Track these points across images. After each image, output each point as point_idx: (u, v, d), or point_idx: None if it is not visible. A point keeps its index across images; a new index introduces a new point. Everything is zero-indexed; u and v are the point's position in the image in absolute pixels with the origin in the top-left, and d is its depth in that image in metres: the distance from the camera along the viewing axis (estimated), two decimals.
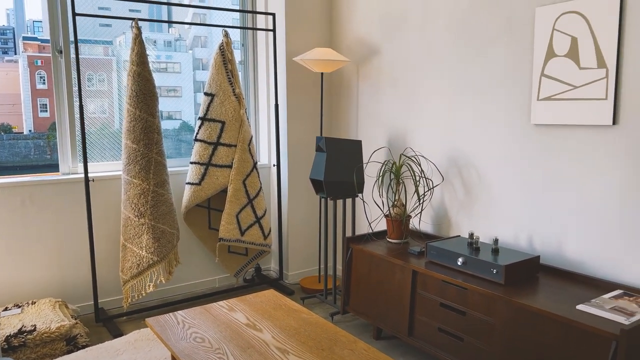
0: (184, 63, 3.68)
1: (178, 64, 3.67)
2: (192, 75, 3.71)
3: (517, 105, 2.51)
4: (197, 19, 3.78)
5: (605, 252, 2.21)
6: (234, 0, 3.74)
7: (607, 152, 2.17)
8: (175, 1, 3.47)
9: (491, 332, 2.15)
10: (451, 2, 2.78)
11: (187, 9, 3.70)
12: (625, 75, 2.09)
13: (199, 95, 3.68)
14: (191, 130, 3.65)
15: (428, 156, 2.99)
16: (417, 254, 2.66)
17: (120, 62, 3.32)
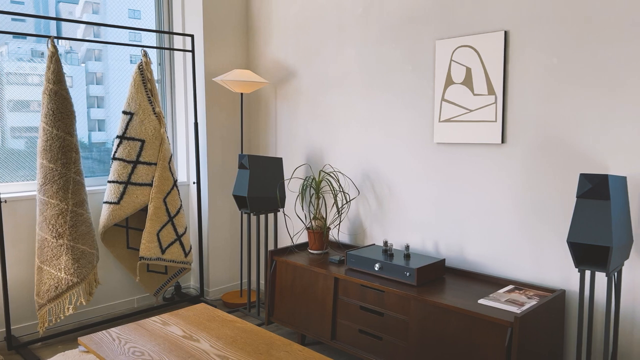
0: (75, 77, 3.55)
1: (69, 77, 3.53)
2: (86, 89, 3.58)
3: (421, 126, 2.82)
4: (90, 32, 3.64)
5: (498, 254, 2.56)
6: (149, 18, 3.77)
7: (498, 167, 2.53)
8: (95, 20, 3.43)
9: (407, 329, 2.39)
10: (361, 34, 3.06)
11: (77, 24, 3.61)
12: (510, 101, 2.46)
13: (93, 111, 3.59)
14: (84, 146, 3.55)
15: (345, 172, 3.23)
16: (337, 262, 2.86)
17: (3, 74, 3.12)
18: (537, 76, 2.36)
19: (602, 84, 2.17)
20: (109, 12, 3.57)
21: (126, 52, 3.66)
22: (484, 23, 2.52)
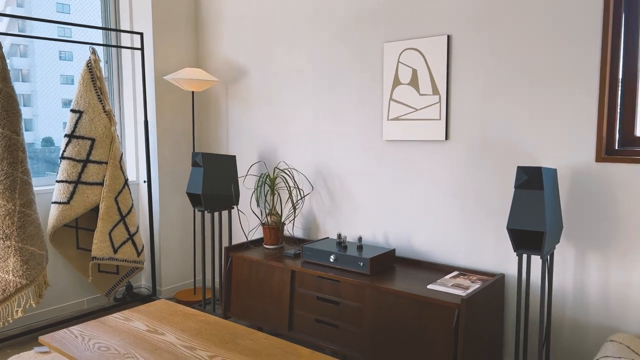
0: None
1: None
2: None
3: (371, 124, 2.97)
4: (15, 26, 3.49)
5: (444, 243, 2.75)
6: (95, 15, 3.70)
7: (442, 162, 2.71)
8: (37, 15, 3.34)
9: (361, 316, 2.53)
10: (313, 34, 3.17)
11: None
12: (453, 101, 2.65)
13: (21, 109, 3.44)
14: None
15: (299, 169, 3.32)
16: (293, 256, 2.96)
17: None
18: (476, 77, 2.56)
19: (533, 85, 2.39)
20: (34, 5, 3.45)
21: (54, 48, 3.55)
22: (429, 28, 2.69)
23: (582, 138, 2.29)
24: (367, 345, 2.49)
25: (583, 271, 2.33)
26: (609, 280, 2.27)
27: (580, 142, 2.30)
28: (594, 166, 2.27)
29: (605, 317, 2.29)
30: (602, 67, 2.22)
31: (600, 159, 2.25)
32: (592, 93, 2.25)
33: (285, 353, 1.81)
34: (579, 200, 2.32)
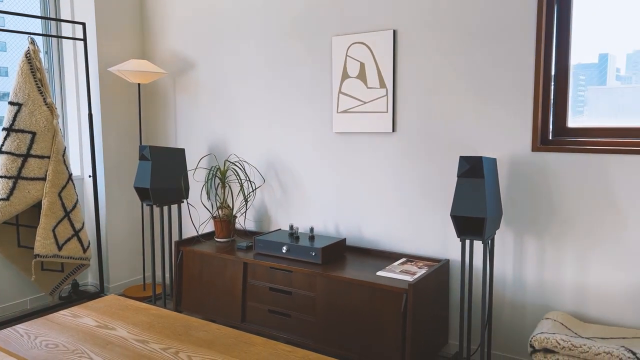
0: None
1: None
2: None
3: (321, 117, 3.02)
4: None
5: (392, 231, 2.84)
6: (34, 5, 3.55)
7: (389, 153, 2.80)
8: None
9: (314, 305, 2.58)
10: (263, 27, 3.17)
11: None
12: (399, 94, 2.74)
13: None
14: None
15: (250, 161, 3.33)
16: (245, 248, 2.97)
17: None
18: (421, 72, 2.65)
19: (474, 79, 2.50)
20: None
21: None
22: (375, 22, 2.76)
23: (520, 129, 2.42)
24: (319, 333, 2.55)
25: (521, 254, 2.48)
26: (544, 263, 2.43)
27: (517, 133, 2.43)
28: (530, 155, 2.41)
29: (542, 297, 2.44)
30: (536, 64, 2.35)
31: (535, 149, 2.39)
32: (528, 87, 2.38)
33: (239, 342, 1.83)
34: (517, 187, 2.46)
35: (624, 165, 2.21)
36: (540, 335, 2.02)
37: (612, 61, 2.37)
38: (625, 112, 2.32)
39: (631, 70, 2.32)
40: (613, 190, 2.24)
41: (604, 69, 2.39)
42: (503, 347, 2.56)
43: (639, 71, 2.31)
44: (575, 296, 2.37)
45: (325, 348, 2.53)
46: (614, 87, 2.38)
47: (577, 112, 2.42)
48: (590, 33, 2.34)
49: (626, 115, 2.31)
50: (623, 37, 2.28)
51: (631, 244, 2.22)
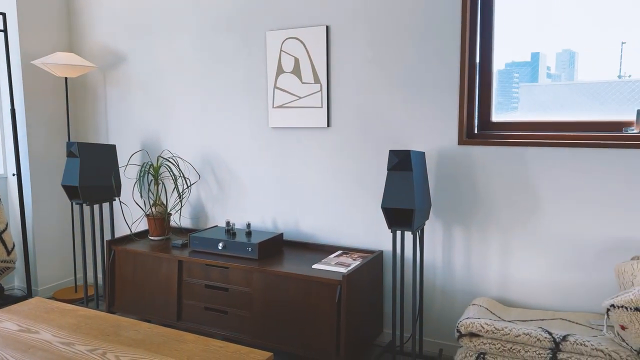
0: None
1: None
2: None
3: (257, 112, 3.01)
4: None
5: (329, 225, 2.88)
6: None
7: (325, 148, 2.83)
8: None
9: (250, 301, 2.58)
10: (197, 20, 3.12)
11: None
12: (334, 89, 2.77)
13: None
14: None
15: (185, 157, 3.27)
16: (180, 246, 2.92)
17: None
18: (355, 68, 2.70)
19: (405, 75, 2.58)
20: None
21: None
22: (309, 18, 2.78)
23: (447, 124, 2.52)
24: (256, 328, 2.55)
25: (450, 244, 2.59)
26: (471, 251, 2.54)
27: (445, 127, 2.53)
28: (457, 149, 2.52)
29: (469, 284, 2.56)
30: (461, 61, 2.45)
31: (462, 142, 2.49)
32: (454, 84, 2.48)
33: (169, 340, 1.81)
34: (445, 179, 2.56)
35: (543, 157, 2.35)
36: (466, 321, 2.12)
37: (543, 60, 2.50)
38: (554, 108, 2.46)
39: (560, 69, 2.46)
40: (533, 181, 2.38)
41: (535, 67, 2.52)
42: (434, 333, 2.66)
43: (567, 69, 2.45)
44: (499, 282, 2.49)
45: (262, 343, 2.53)
46: (544, 84, 2.52)
47: (511, 108, 2.54)
48: (523, 33, 2.46)
49: (555, 110, 2.45)
50: (553, 37, 2.41)
51: (548, 231, 2.37)
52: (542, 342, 1.97)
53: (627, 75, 2.28)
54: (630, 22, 2.24)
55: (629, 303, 1.89)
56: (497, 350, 2.04)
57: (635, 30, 2.24)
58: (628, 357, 1.85)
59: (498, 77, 2.55)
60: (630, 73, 2.28)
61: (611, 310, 1.92)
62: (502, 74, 2.55)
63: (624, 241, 2.24)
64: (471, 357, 2.10)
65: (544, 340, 1.96)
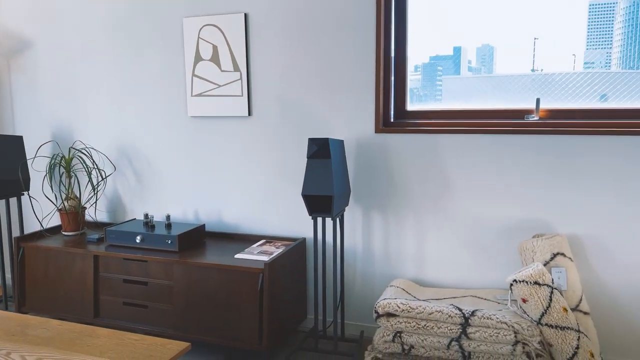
0: None
1: None
2: None
3: (175, 100, 2.93)
4: None
5: (252, 214, 2.87)
6: None
7: (247, 137, 2.82)
8: None
9: (171, 294, 2.53)
10: (107, 5, 2.98)
11: None
12: (254, 77, 2.76)
13: None
14: None
15: (99, 148, 3.13)
16: (96, 240, 2.80)
17: None
18: (275, 57, 2.70)
19: (323, 64, 2.61)
20: None
21: None
22: (226, 4, 2.74)
23: (364, 112, 2.59)
24: (179, 321, 2.51)
25: (369, 229, 2.66)
26: (388, 235, 2.63)
27: (362, 116, 2.59)
28: (374, 137, 2.59)
29: (388, 267, 2.65)
30: (377, 53, 2.52)
31: (379, 130, 2.57)
32: (371, 74, 2.55)
33: (81, 336, 1.74)
34: (364, 166, 2.63)
35: (453, 143, 2.47)
36: (383, 301, 2.20)
37: (465, 54, 2.61)
38: (475, 99, 2.57)
39: (480, 62, 2.59)
40: (444, 166, 2.50)
41: (458, 61, 2.63)
42: (356, 316, 2.74)
43: (487, 63, 2.58)
44: (415, 264, 2.61)
45: (185, 335, 2.50)
46: (466, 76, 2.63)
47: (436, 100, 2.64)
48: (445, 27, 2.56)
49: (475, 102, 2.57)
50: (473, 31, 2.53)
51: (459, 213, 2.50)
52: (453, 318, 2.08)
53: (539, 69, 2.44)
54: (541, 19, 2.40)
55: (529, 277, 2.04)
56: (413, 328, 2.14)
57: (546, 27, 2.40)
58: (529, 327, 2.00)
59: (423, 70, 2.65)
60: (542, 67, 2.44)
61: (514, 285, 2.07)
62: (427, 67, 2.65)
63: (526, 221, 2.41)
64: (389, 336, 2.18)
65: (455, 317, 2.08)
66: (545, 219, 2.38)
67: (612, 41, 2.36)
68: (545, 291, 2.02)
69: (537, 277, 2.03)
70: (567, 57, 2.40)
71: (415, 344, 2.14)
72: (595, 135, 2.26)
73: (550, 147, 2.33)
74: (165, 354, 1.59)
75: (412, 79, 2.66)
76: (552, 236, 2.24)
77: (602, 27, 2.36)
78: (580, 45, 2.37)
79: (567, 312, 2.01)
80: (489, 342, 2.04)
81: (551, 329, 2.00)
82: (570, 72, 2.39)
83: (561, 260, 2.18)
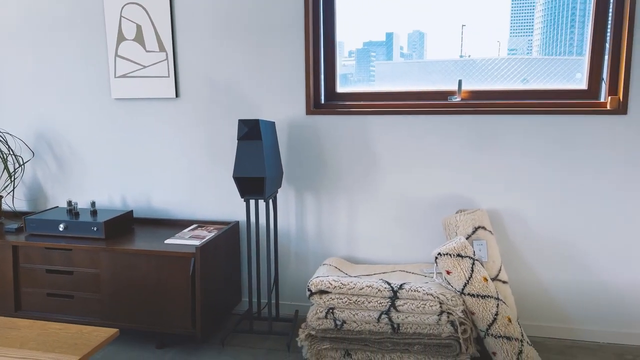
0: None
1: None
2: None
3: (98, 82, 2.80)
4: None
5: (183, 199, 2.82)
6: None
7: (175, 119, 2.75)
8: None
9: (98, 282, 2.44)
10: None
11: None
12: (181, 58, 2.68)
13: None
14: None
15: (14, 132, 2.94)
16: (14, 230, 2.65)
17: None
18: (203, 37, 2.64)
19: (253, 46, 2.58)
20: None
21: None
22: None
23: (295, 95, 2.59)
24: (107, 310, 2.43)
25: (302, 210, 2.69)
26: (321, 215, 2.67)
27: (293, 98, 2.60)
28: (305, 118, 2.61)
29: (321, 246, 2.70)
30: (305, 34, 2.52)
31: (309, 112, 2.59)
32: (300, 56, 2.55)
33: (0, 329, 1.65)
34: (296, 148, 2.64)
35: (381, 124, 2.53)
36: (315, 279, 2.24)
37: (397, 40, 2.66)
38: (407, 85, 2.63)
39: (412, 48, 2.65)
40: (373, 146, 2.56)
41: (390, 46, 2.67)
42: (291, 296, 2.78)
43: (418, 49, 2.64)
44: (347, 242, 2.67)
45: (114, 324, 2.43)
46: (398, 62, 2.68)
47: (370, 85, 2.67)
48: (378, 14, 2.59)
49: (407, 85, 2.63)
50: (405, 18, 2.57)
51: (387, 192, 2.58)
52: (382, 292, 2.16)
53: (467, 55, 2.54)
54: (469, 7, 2.48)
55: (452, 250, 2.14)
56: (344, 304, 2.19)
57: (473, 15, 2.49)
58: (452, 298, 2.11)
59: (357, 56, 2.68)
60: (470, 53, 2.53)
61: (438, 258, 2.17)
62: (361, 52, 2.68)
63: (450, 197, 2.52)
64: (322, 312, 2.23)
65: (384, 290, 2.16)
66: (468, 196, 2.50)
67: (533, 29, 2.49)
68: (467, 263, 2.13)
69: (460, 250, 2.14)
70: (493, 44, 2.52)
71: (347, 319, 2.20)
72: (513, 115, 2.40)
73: (471, 127, 2.44)
74: (92, 341, 1.54)
75: (346, 64, 2.69)
76: (474, 211, 2.37)
77: (524, 16, 2.49)
78: (504, 32, 2.49)
79: (487, 282, 2.14)
80: (417, 314, 2.13)
81: (473, 298, 2.12)
82: (494, 58, 2.51)
83: (482, 233, 2.31)
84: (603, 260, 2.41)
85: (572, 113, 2.33)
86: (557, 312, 2.49)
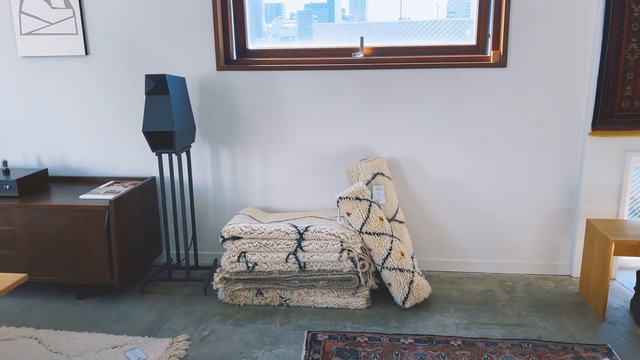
0: None
1: None
2: None
3: (3, 40, 2.75)
4: None
5: (99, 157, 2.85)
6: None
7: (86, 77, 2.75)
8: None
9: (14, 239, 2.48)
10: None
11: None
12: (89, 15, 2.67)
13: None
14: None
15: None
16: None
17: None
18: None
19: (164, 5, 2.61)
20: None
21: None
22: None
23: (205, 51, 2.66)
24: (24, 265, 2.48)
25: (218, 164, 2.81)
26: (237, 168, 2.80)
27: (203, 54, 2.66)
28: (216, 74, 2.69)
29: (237, 198, 2.84)
30: None
31: (220, 68, 2.67)
32: (209, 12, 2.61)
33: None
34: (208, 103, 2.73)
35: (290, 79, 2.66)
36: (228, 227, 2.39)
37: (339, 2, 2.73)
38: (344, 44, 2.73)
39: (353, 11, 2.73)
40: (283, 101, 2.69)
41: (332, 9, 2.74)
42: (210, 246, 2.92)
43: (359, 12, 2.73)
44: (262, 193, 2.82)
45: (32, 278, 2.49)
46: (340, 24, 2.76)
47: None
48: None
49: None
50: None
51: (297, 144, 2.73)
52: (289, 235, 2.34)
53: (407, 17, 2.67)
54: None
55: (351, 194, 2.34)
56: (255, 247, 2.36)
57: None
58: (352, 236, 2.32)
59: (299, 18, 2.74)
60: (409, 16, 2.66)
61: (340, 201, 2.36)
62: (302, 14, 2.75)
63: (355, 147, 2.71)
64: (234, 257, 2.39)
65: (291, 233, 2.34)
66: (370, 145, 2.70)
67: None
68: (364, 205, 2.34)
69: (358, 194, 2.35)
70: (432, 7, 2.65)
71: (258, 261, 2.37)
72: (410, 69, 2.59)
73: (372, 81, 2.62)
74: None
75: (287, 26, 2.77)
76: (374, 159, 2.57)
77: None
78: None
79: (382, 221, 2.36)
80: (320, 252, 2.33)
81: (370, 236, 2.34)
82: (433, 20, 2.65)
83: (380, 179, 2.53)
84: (489, 198, 2.69)
85: (462, 67, 2.55)
86: (450, 248, 2.78)
